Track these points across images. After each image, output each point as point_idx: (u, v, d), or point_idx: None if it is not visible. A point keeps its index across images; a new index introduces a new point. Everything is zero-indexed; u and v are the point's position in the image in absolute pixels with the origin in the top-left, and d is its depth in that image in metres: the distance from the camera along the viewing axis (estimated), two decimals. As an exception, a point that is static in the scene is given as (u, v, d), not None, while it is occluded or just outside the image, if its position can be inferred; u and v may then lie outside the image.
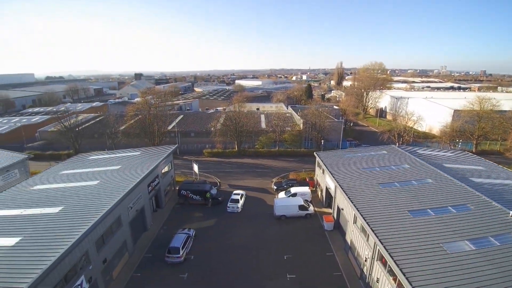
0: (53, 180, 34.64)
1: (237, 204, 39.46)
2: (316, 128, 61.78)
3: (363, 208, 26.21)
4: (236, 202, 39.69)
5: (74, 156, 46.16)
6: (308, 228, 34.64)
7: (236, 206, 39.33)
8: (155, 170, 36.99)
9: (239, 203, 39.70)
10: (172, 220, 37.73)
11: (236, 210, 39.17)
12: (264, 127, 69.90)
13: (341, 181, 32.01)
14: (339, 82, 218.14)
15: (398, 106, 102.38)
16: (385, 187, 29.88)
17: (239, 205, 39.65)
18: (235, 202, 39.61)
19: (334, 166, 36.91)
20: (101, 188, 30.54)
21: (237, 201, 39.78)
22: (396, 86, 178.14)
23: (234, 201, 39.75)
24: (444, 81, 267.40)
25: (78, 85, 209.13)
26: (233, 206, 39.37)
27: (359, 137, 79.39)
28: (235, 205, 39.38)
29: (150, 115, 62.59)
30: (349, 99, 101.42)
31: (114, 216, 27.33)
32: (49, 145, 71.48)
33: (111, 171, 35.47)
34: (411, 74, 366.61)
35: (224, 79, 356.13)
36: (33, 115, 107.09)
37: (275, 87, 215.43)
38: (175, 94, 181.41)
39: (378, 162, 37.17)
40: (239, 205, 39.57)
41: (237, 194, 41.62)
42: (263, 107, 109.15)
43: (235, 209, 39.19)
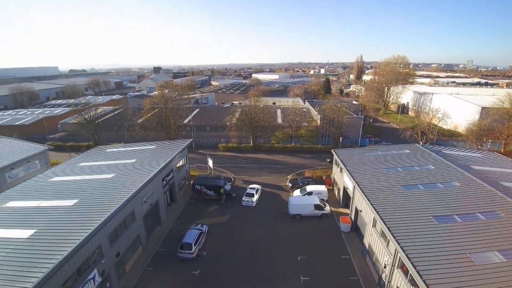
0: (71, 172, 35.20)
1: (252, 199, 39.06)
2: (334, 124, 59.84)
3: (384, 211, 24.75)
4: (251, 196, 39.30)
5: (93, 148, 46.91)
6: (323, 228, 33.46)
7: (250, 200, 38.92)
8: (169, 165, 36.84)
9: (254, 198, 39.38)
10: (185, 214, 37.61)
11: (250, 205, 38.86)
12: (280, 122, 68.62)
13: (360, 181, 30.51)
14: (358, 77, 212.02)
15: (421, 102, 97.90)
16: (408, 189, 28.15)
17: (254, 199, 39.31)
18: (250, 196, 39.26)
19: (353, 164, 35.34)
20: (116, 181, 30.62)
21: (252, 195, 39.38)
22: (419, 81, 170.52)
23: (249, 195, 39.43)
24: (470, 76, 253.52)
25: (99, 78, 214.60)
26: (247, 200, 39.00)
27: (379, 134, 76.54)
28: (250, 199, 39.10)
29: (166, 109, 62.72)
30: (369, 94, 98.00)
31: (127, 210, 27.28)
32: (70, 137, 73.55)
33: (126, 164, 35.61)
34: (435, 68, 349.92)
35: (240, 73, 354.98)
36: (56, 107, 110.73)
37: (292, 81, 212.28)
38: (192, 88, 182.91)
39: (401, 162, 35.23)
40: (253, 200, 39.19)
41: (253, 188, 41.35)
42: (279, 101, 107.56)
43: (250, 203, 38.78)
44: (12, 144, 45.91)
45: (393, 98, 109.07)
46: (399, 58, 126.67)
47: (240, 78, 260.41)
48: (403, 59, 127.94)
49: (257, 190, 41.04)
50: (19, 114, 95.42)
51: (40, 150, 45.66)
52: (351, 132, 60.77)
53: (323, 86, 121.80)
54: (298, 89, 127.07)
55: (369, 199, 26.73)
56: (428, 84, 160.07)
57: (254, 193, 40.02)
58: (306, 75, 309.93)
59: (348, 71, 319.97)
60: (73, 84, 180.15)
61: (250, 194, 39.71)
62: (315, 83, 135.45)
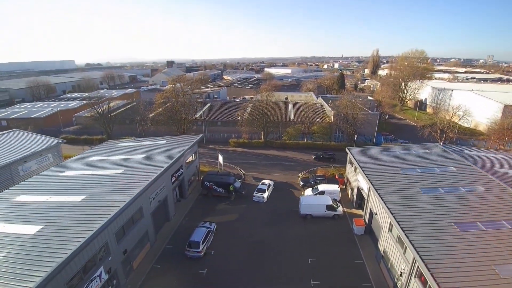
0: (81, 166, 35.18)
1: (263, 194, 38.63)
2: (348, 121, 57.94)
3: (401, 216, 23.31)
4: (262, 192, 38.96)
5: (105, 142, 46.98)
6: (335, 230, 32.23)
7: (261, 196, 38.52)
8: (179, 161, 36.32)
9: (265, 194, 38.72)
10: (194, 211, 37.14)
11: (261, 200, 38.43)
12: (292, 118, 67.13)
13: (376, 183, 29.02)
14: (374, 71, 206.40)
15: (440, 98, 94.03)
16: (427, 192, 26.51)
17: (265, 195, 38.68)
18: (261, 192, 38.88)
19: (368, 164, 33.76)
20: (124, 177, 30.31)
21: (263, 191, 39.03)
22: (437, 76, 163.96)
23: (260, 191, 39.15)
24: (491, 72, 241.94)
25: (114, 72, 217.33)
26: (258, 195, 38.69)
27: (395, 131, 73.90)
28: (261, 195, 38.60)
29: (177, 103, 62.34)
30: (385, 89, 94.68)
31: (135, 207, 26.89)
32: (84, 130, 74.45)
33: (136, 159, 35.29)
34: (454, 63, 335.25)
35: (253, 67, 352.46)
36: (71, 100, 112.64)
37: (305, 75, 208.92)
38: (204, 82, 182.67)
39: (419, 162, 33.36)
40: (264, 195, 38.64)
41: (264, 184, 40.72)
42: (291, 96, 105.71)
43: (261, 199, 38.45)
44: (25, 137, 46.50)
45: (410, 94, 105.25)
46: (417, 52, 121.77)
47: (252, 72, 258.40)
48: (421, 53, 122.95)
49: (268, 186, 40.57)
50: (35, 107, 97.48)
51: (53, 144, 46.09)
52: (365, 129, 58.75)
53: (337, 81, 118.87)
54: (311, 84, 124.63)
55: (385, 202, 25.31)
56: (446, 80, 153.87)
57: (265, 188, 39.56)
58: (319, 69, 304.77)
59: (363, 66, 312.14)
60: (88, 78, 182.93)
61: (262, 190, 39.28)
62: (328, 78, 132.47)
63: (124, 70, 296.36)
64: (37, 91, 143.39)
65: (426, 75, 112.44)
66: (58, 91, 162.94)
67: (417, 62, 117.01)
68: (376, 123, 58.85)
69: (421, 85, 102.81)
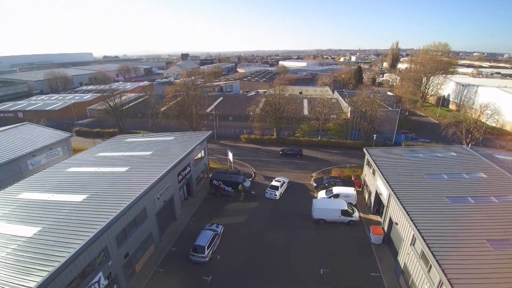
0: (87, 163, 34.34)
1: (275, 191, 37.46)
2: (366, 118, 54.79)
3: (426, 228, 20.89)
4: (275, 189, 37.77)
5: (114, 137, 46.24)
6: (351, 238, 30.01)
7: (274, 193, 37.43)
8: (186, 158, 34.88)
9: (278, 191, 37.62)
10: (202, 211, 35.77)
11: (273, 197, 37.51)
12: (307, 114, 64.46)
13: (397, 189, 26.50)
14: (393, 65, 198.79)
15: (464, 94, 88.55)
16: (456, 202, 23.84)
17: (278, 192, 37.55)
18: (274, 189, 37.71)
19: (388, 167, 31.12)
20: (129, 176, 29.12)
21: (276, 188, 37.83)
22: (460, 71, 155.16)
23: (273, 188, 38.03)
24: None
25: (129, 64, 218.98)
26: (271, 192, 37.63)
27: (415, 129, 70.00)
28: (273, 191, 37.51)
29: (188, 97, 60.95)
30: (406, 84, 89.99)
31: (138, 208, 25.64)
32: (97, 123, 74.54)
33: (142, 156, 34.11)
34: (477, 57, 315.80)
35: (267, 60, 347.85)
36: (86, 92, 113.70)
37: (321, 69, 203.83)
38: (217, 75, 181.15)
39: (446, 167, 30.45)
40: (277, 193, 37.47)
41: (278, 181, 39.62)
42: (306, 90, 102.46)
43: (273, 196, 37.50)
44: (36, 131, 46.35)
45: (433, 89, 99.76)
46: (440, 45, 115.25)
47: (267, 66, 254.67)
48: (444, 46, 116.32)
49: (282, 184, 39.25)
50: (51, 99, 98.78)
51: (63, 138, 45.77)
52: (384, 127, 55.44)
53: (354, 75, 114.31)
54: (327, 78, 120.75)
55: (408, 212, 22.86)
56: (470, 75, 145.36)
57: (279, 186, 38.33)
58: (335, 62, 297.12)
59: (381, 59, 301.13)
60: (103, 70, 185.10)
61: (275, 187, 38.12)
62: (345, 72, 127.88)
63: (139, 63, 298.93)
64: (54, 83, 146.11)
65: (449, 70, 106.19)
66: (75, 83, 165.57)
67: (440, 56, 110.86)
68: (396, 121, 55.40)
69: (444, 80, 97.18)
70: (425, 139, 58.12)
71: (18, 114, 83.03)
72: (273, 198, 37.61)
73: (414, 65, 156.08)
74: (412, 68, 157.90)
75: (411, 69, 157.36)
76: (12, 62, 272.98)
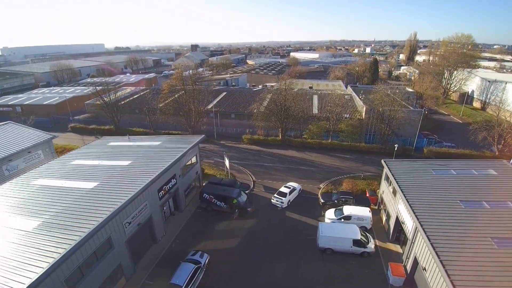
0: (57, 173, 29.69)
1: (282, 199, 33.75)
2: (384, 119, 48.16)
3: (467, 284, 15.14)
4: (283, 196, 34.06)
5: (98, 140, 41.60)
6: (364, 276, 24.31)
7: (280, 201, 33.77)
8: (171, 169, 29.80)
9: (286, 198, 33.86)
10: (188, 230, 30.76)
11: (280, 205, 33.88)
12: (316, 112, 58.22)
13: (427, 223, 20.57)
14: (410, 57, 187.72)
15: (491, 92, 79.82)
16: (504, 245, 17.87)
17: (286, 200, 33.75)
18: (282, 196, 34.05)
19: (413, 188, 25.06)
20: (94, 195, 24.16)
21: (284, 195, 34.09)
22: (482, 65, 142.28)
23: (281, 194, 34.34)
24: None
25: (137, 56, 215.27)
26: (277, 199, 34.04)
27: (437, 130, 62.84)
28: (281, 199, 33.86)
29: (185, 93, 55.74)
30: (427, 79, 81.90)
31: (99, 239, 20.75)
32: (94, 119, 70.53)
33: (118, 168, 29.13)
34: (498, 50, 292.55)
35: (279, 51, 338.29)
36: (88, 86, 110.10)
37: (334, 60, 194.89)
38: (227, 67, 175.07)
39: (485, 191, 24.21)
40: (284, 200, 33.69)
41: (288, 187, 35.65)
42: (317, 84, 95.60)
43: (279, 203, 33.93)
44: (17, 132, 42.12)
45: (455, 85, 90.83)
46: (462, 37, 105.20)
47: (278, 57, 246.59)
48: (467, 38, 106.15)
49: (292, 190, 35.07)
50: (52, 92, 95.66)
51: (44, 140, 41.45)
52: (404, 129, 48.71)
53: (369, 68, 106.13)
54: (340, 71, 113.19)
55: (442, 262, 17.04)
56: (493, 69, 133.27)
57: (287, 193, 34.28)
58: (349, 54, 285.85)
59: (397, 51, 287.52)
60: (109, 62, 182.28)
61: (283, 193, 34.28)
62: (359, 64, 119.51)
63: (148, 54, 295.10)
64: (60, 75, 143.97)
65: (471, 63, 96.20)
66: (83, 75, 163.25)
67: (462, 48, 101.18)
68: (418, 123, 48.47)
69: (469, 75, 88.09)
70: (450, 144, 51.18)
71: (16, 108, 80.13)
72: (279, 206, 33.71)
73: (434, 58, 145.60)
74: (431, 61, 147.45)
75: (429, 61, 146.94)
76: (25, 53, 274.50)
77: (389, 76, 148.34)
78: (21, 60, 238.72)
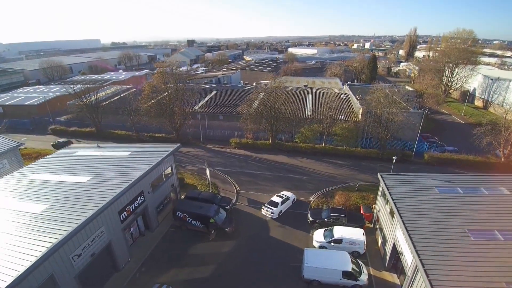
0: (11, 191, 26.00)
1: (273, 209, 31.46)
2: (381, 123, 44.31)
3: None
4: (274, 205, 31.76)
5: (64, 149, 37.65)
6: (355, 315, 20.85)
7: (271, 211, 31.47)
8: (136, 186, 26.09)
9: (277, 208, 31.50)
10: (158, 254, 27.05)
11: (270, 216, 31.64)
12: (309, 114, 54.33)
13: (429, 260, 16.93)
14: (410, 53, 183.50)
15: (493, 90, 75.98)
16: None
17: (276, 210, 31.40)
18: (273, 206, 31.77)
19: (414, 212, 21.33)
20: (36, 223, 20.42)
21: (275, 205, 31.77)
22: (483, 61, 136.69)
23: (272, 204, 32.08)
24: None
25: (130, 52, 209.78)
26: (267, 209, 31.80)
27: (438, 131, 59.27)
28: (271, 209, 31.59)
29: (169, 95, 51.83)
30: (428, 77, 77.88)
31: (35, 280, 17.14)
32: (76, 120, 66.61)
33: (75, 185, 25.31)
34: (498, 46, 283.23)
35: (277, 47, 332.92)
36: (75, 84, 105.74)
37: (332, 56, 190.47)
38: (222, 63, 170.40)
39: (497, 217, 20.54)
40: (275, 210, 31.34)
41: (281, 196, 33.32)
42: (313, 82, 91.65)
43: (269, 213, 31.67)
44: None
45: (457, 82, 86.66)
46: (464, 32, 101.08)
47: (276, 53, 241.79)
48: (469, 34, 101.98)
49: (284, 200, 32.69)
50: (36, 91, 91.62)
51: (8, 148, 37.67)
52: (404, 133, 44.84)
53: (368, 65, 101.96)
54: (337, 68, 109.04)
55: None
56: (494, 65, 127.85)
57: (279, 202, 31.99)
58: (348, 49, 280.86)
59: (396, 46, 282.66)
60: (101, 58, 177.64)
61: (274, 203, 32.03)
62: (358, 61, 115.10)
63: (142, 50, 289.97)
64: (50, 73, 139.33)
65: (471, 59, 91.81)
66: (74, 72, 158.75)
67: (463, 44, 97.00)
68: (419, 126, 44.68)
69: (471, 73, 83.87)
70: (452, 148, 47.52)
71: (-2, 109, 76.26)
72: (268, 217, 31.59)
73: (434, 53, 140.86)
74: (431, 57, 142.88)
75: (429, 58, 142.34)
76: (19, 50, 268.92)
77: (388, 72, 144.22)
78: (15, 56, 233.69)
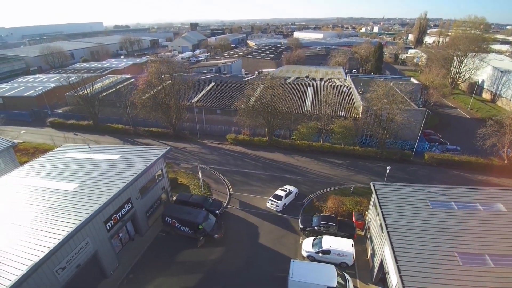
0: (0, 196, 25.96)
1: (277, 202, 33.04)
2: (381, 122, 42.82)
3: None
4: (278, 199, 33.33)
5: (56, 149, 37.24)
6: (338, 332, 20.67)
7: (276, 204, 33.05)
8: (124, 194, 25.74)
9: (281, 201, 33.07)
10: (146, 261, 27.01)
11: (275, 209, 33.23)
12: (309, 109, 52.88)
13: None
14: (419, 39, 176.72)
15: (502, 83, 72.60)
16: None
17: (280, 203, 32.99)
18: (277, 199, 33.35)
19: (403, 232, 20.59)
20: (20, 237, 20.35)
21: (279, 198, 33.36)
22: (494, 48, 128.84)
23: (276, 197, 33.66)
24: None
25: (132, 37, 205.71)
26: (272, 202, 33.31)
27: (442, 127, 57.61)
28: (276, 202, 33.14)
29: (163, 89, 50.72)
30: (435, 69, 74.89)
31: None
32: (74, 113, 66.00)
33: (60, 193, 25.00)
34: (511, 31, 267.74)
35: (282, 30, 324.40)
36: (75, 72, 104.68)
37: (338, 41, 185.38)
38: (225, 49, 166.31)
39: (490, 239, 19.69)
40: (279, 203, 32.96)
41: (284, 190, 34.80)
42: (316, 72, 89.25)
43: (274, 206, 33.20)
44: (-29, 138, 38.20)
45: (465, 73, 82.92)
46: (476, 19, 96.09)
47: (280, 37, 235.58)
48: (481, 21, 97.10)
49: (288, 194, 34.20)
50: (36, 81, 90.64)
51: (2, 148, 37.45)
52: (405, 132, 43.39)
53: (373, 54, 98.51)
54: (341, 57, 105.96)
55: None
56: (506, 53, 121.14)
57: (282, 196, 33.51)
58: (356, 33, 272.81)
59: (406, 30, 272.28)
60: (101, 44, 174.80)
61: (278, 197, 33.58)
62: (364, 48, 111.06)
63: (145, 33, 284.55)
64: (51, 59, 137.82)
65: (482, 47, 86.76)
66: (76, 58, 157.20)
67: (474, 30, 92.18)
68: (421, 124, 43.18)
69: (481, 64, 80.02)
70: (454, 147, 46.11)
71: (-3, 100, 76.00)
72: (275, 209, 33.19)
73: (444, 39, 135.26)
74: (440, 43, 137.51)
75: (438, 44, 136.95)
76: (22, 34, 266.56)
77: (395, 59, 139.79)
78: (18, 41, 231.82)
